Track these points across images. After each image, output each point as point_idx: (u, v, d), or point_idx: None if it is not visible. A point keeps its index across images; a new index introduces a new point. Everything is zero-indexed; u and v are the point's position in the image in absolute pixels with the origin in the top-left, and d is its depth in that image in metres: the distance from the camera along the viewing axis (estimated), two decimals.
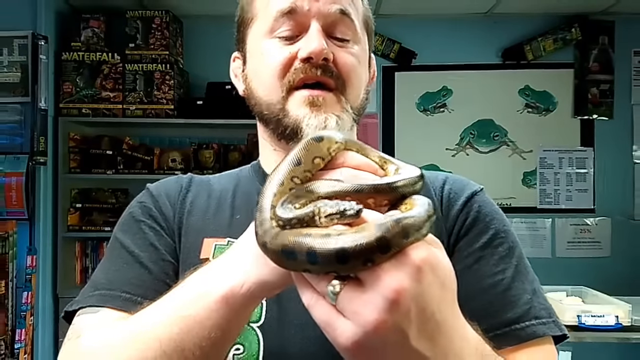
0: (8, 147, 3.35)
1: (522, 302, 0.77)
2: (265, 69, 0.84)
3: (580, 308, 2.66)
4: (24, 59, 3.36)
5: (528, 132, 3.95)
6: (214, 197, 0.91)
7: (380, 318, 0.46)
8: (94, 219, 3.63)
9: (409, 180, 0.54)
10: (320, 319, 0.49)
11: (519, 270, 0.80)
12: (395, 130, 3.99)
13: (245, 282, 0.57)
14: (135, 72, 3.57)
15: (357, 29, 0.86)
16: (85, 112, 3.57)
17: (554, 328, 0.76)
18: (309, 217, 0.50)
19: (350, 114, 0.84)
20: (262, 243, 0.52)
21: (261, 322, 0.79)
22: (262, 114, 0.87)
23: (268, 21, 0.84)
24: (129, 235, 0.84)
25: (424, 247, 0.48)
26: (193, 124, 3.64)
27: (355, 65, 0.85)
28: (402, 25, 3.92)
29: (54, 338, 3.49)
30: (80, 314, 0.76)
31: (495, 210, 0.86)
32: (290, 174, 0.57)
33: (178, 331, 0.59)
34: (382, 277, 0.46)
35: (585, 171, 3.95)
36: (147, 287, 0.78)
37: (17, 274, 3.22)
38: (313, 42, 0.80)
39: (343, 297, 0.47)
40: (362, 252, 0.45)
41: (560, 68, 3.94)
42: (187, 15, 3.81)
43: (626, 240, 3.87)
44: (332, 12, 0.83)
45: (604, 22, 3.89)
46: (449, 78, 3.97)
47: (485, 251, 0.81)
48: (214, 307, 0.58)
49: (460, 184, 0.89)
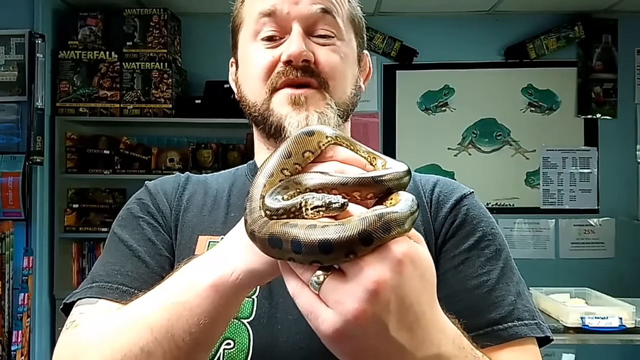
0: (5, 146, 3.35)
1: (506, 303, 0.79)
2: (251, 73, 0.88)
3: (584, 310, 2.64)
4: (20, 58, 3.35)
5: (531, 132, 3.92)
6: (210, 195, 0.94)
7: (361, 308, 0.48)
8: (91, 219, 3.61)
9: (394, 175, 0.56)
10: (304, 307, 0.51)
11: (505, 272, 0.82)
12: (397, 129, 3.95)
13: (235, 270, 0.59)
14: (133, 70, 3.55)
15: (341, 26, 0.88)
16: (82, 111, 3.54)
17: (535, 330, 0.78)
18: (296, 208, 0.52)
19: (335, 110, 0.85)
20: (251, 231, 0.54)
21: (252, 317, 0.81)
22: (251, 116, 0.91)
23: (252, 24, 0.88)
24: (127, 231, 0.86)
25: (405, 241, 0.50)
26: (191, 123, 3.61)
27: (337, 62, 0.87)
28: (403, 23, 3.89)
29: (51, 340, 3.47)
30: (79, 305, 0.78)
31: (483, 213, 0.88)
32: (280, 165, 0.59)
33: (168, 317, 0.61)
34: (364, 269, 0.48)
35: (589, 171, 3.91)
36: (144, 280, 0.80)
37: (14, 275, 3.20)
38: (292, 45, 0.83)
39: (326, 287, 0.50)
40: (344, 244, 0.48)
41: (563, 67, 3.91)
42: (185, 13, 3.80)
43: (630, 241, 3.84)
44: (312, 12, 0.85)
45: (608, 20, 3.87)
46: (451, 77, 3.94)
47: (472, 253, 0.83)
48: (204, 294, 0.59)
49: (450, 187, 0.92)
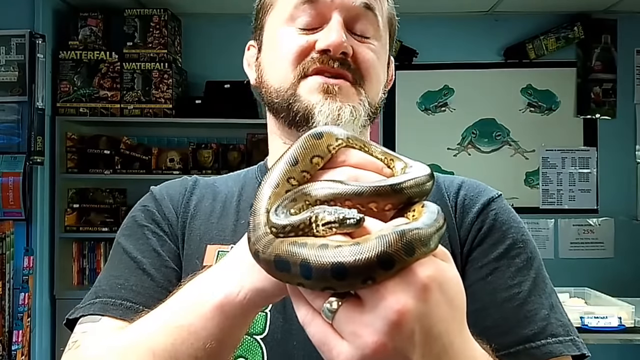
0: (5, 146, 3.35)
1: (539, 318, 0.72)
2: (280, 56, 0.81)
3: (583, 309, 2.65)
4: (21, 58, 3.35)
5: (530, 132, 3.92)
6: (219, 201, 0.87)
7: (381, 341, 0.43)
8: (91, 219, 3.61)
9: (416, 181, 0.49)
10: (315, 338, 0.46)
11: (537, 283, 0.76)
12: (396, 129, 3.96)
13: (241, 289, 0.54)
14: (133, 70, 3.55)
15: (380, 26, 0.83)
16: (82, 112, 3.54)
17: (571, 347, 0.71)
18: (305, 224, 0.46)
19: (367, 108, 0.79)
20: (255, 251, 0.48)
21: (265, 334, 0.76)
22: (272, 103, 0.83)
23: (288, 8, 0.81)
24: (132, 241, 0.82)
25: (431, 263, 0.44)
26: (192, 123, 3.62)
27: (375, 61, 0.81)
28: (403, 23, 3.76)
29: (51, 339, 3.47)
30: (82, 323, 0.74)
31: (513, 218, 0.82)
32: (287, 174, 0.52)
33: (172, 342, 0.56)
34: (384, 297, 0.43)
35: (588, 171, 3.92)
36: (149, 295, 0.75)
37: (15, 275, 3.20)
38: (333, 34, 0.76)
39: (340, 316, 0.44)
40: (361, 269, 0.41)
41: (562, 67, 3.92)
42: (186, 14, 3.80)
43: (630, 240, 3.84)
44: (356, 5, 0.79)
45: (607, 20, 3.87)
46: (451, 77, 3.94)
47: (501, 262, 0.76)
48: (209, 315, 0.55)
49: (476, 189, 0.85)
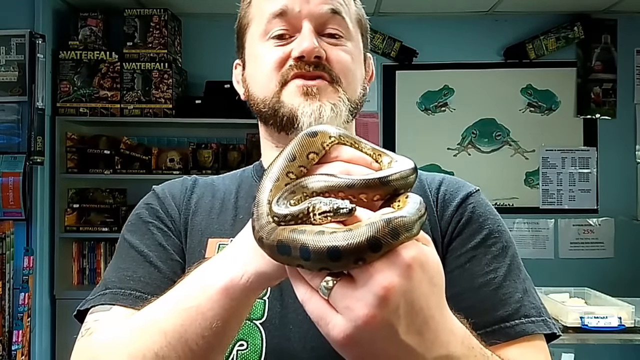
0: (5, 146, 3.35)
1: (513, 300, 0.79)
2: (260, 69, 0.88)
3: (583, 309, 2.64)
4: (21, 58, 3.36)
5: (530, 132, 3.93)
6: (217, 198, 0.94)
7: (371, 313, 0.48)
8: (91, 219, 3.61)
9: (401, 174, 0.56)
10: (313, 313, 0.52)
11: (512, 269, 0.82)
12: (396, 129, 3.96)
13: (245, 273, 0.59)
14: (133, 70, 3.55)
15: (349, 27, 0.89)
16: (82, 112, 3.55)
17: (542, 326, 0.78)
18: (303, 214, 0.52)
19: (347, 104, 0.85)
20: (259, 238, 0.54)
21: (264, 319, 0.82)
22: (260, 112, 0.90)
23: (262, 24, 0.88)
24: (138, 236, 0.87)
25: (413, 246, 0.50)
26: (192, 123, 3.62)
27: (348, 60, 0.88)
28: (403, 23, 3.89)
29: (51, 339, 3.47)
30: (92, 312, 0.79)
31: (490, 211, 0.88)
32: (286, 169, 0.59)
33: (182, 322, 0.61)
34: (373, 275, 0.49)
35: (588, 171, 3.92)
36: (157, 285, 0.80)
37: (14, 275, 3.20)
38: (305, 41, 0.83)
39: (336, 293, 0.50)
40: (353, 251, 0.48)
41: (562, 67, 3.92)
42: (186, 14, 3.80)
43: (630, 241, 3.84)
44: (323, 12, 0.86)
45: (607, 20, 3.87)
46: (451, 77, 3.95)
47: (478, 250, 0.83)
48: (215, 297, 0.60)
49: (455, 185, 0.92)
